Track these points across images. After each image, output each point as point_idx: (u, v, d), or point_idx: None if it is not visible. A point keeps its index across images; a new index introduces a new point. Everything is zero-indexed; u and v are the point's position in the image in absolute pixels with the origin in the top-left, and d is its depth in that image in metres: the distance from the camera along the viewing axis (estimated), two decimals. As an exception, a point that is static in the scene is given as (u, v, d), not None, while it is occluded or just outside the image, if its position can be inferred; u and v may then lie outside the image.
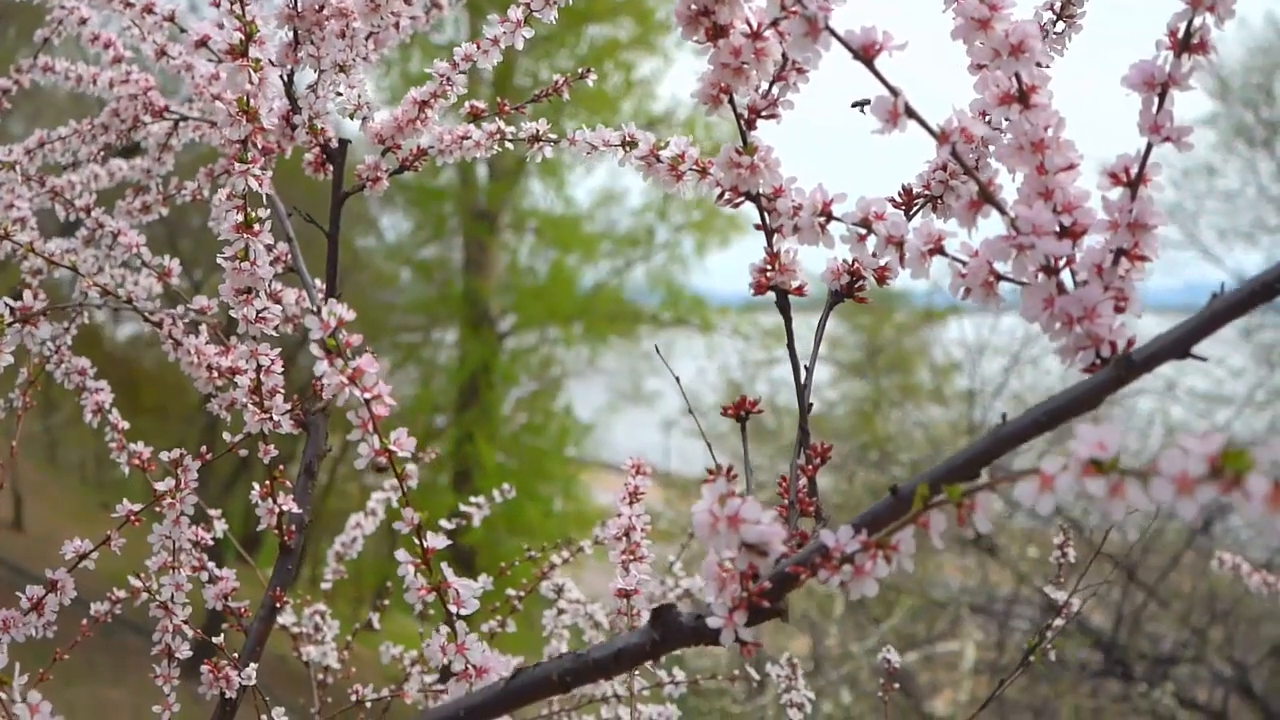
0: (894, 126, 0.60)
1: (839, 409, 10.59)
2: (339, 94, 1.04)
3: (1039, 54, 0.63)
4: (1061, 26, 0.82)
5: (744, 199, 0.72)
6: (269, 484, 1.07)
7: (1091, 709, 6.57)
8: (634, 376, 12.87)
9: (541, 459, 11.08)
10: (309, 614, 1.42)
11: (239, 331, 0.95)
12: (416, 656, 1.43)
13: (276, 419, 1.02)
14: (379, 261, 12.01)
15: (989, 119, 0.69)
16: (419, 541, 0.74)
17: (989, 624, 6.83)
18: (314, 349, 0.70)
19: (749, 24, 0.65)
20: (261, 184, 0.84)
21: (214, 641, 1.12)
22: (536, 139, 1.07)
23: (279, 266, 1.11)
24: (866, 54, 0.60)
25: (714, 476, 0.63)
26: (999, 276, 0.63)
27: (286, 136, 1.10)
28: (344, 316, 0.70)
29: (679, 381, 1.09)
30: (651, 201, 12.14)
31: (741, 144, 0.70)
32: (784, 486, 0.74)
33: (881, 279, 0.77)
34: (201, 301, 1.18)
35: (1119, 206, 0.61)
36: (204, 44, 1.12)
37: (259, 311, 0.93)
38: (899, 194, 0.78)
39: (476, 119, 1.10)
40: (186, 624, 1.03)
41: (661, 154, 0.84)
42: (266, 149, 0.92)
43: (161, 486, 1.00)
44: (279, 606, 1.10)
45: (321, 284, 1.23)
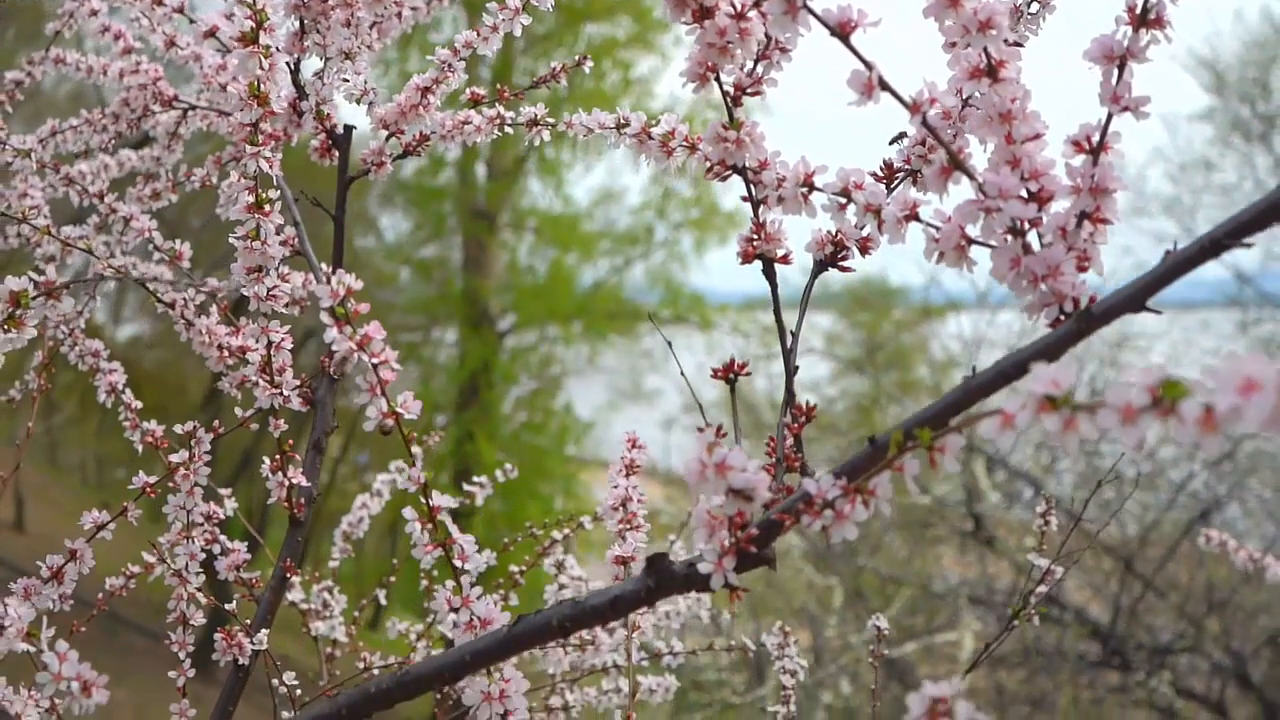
0: (868, 99, 0.64)
1: (839, 405, 10.63)
2: (345, 80, 1.08)
3: (1006, 30, 0.67)
4: (1036, 7, 0.86)
5: (731, 172, 0.76)
6: (279, 458, 1.11)
7: (1090, 699, 6.61)
8: (634, 375, 12.92)
9: (542, 457, 11.11)
10: (317, 590, 1.46)
11: (250, 308, 0.99)
12: (422, 630, 1.47)
13: (286, 394, 1.06)
14: (378, 261, 12.04)
15: (963, 93, 0.73)
16: (425, 501, 0.78)
17: (988, 615, 6.87)
18: (324, 317, 0.74)
19: (733, 5, 0.69)
20: (272, 165, 0.88)
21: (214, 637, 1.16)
22: (535, 123, 1.10)
23: (286, 250, 1.15)
24: (843, 31, 0.64)
25: (704, 431, 0.67)
26: (970, 240, 0.67)
27: (294, 124, 1.14)
28: (352, 286, 0.74)
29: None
30: (650, 200, 12.18)
31: (729, 120, 0.74)
32: (772, 445, 0.77)
33: (864, 249, 0.81)
34: (212, 283, 1.22)
35: (1081, 172, 0.65)
36: (212, 34, 1.16)
37: (269, 289, 0.97)
38: (880, 169, 0.82)
39: (477, 105, 1.14)
40: (200, 591, 1.07)
41: (653, 131, 0.88)
42: (273, 135, 0.96)
43: (176, 459, 1.04)
44: (289, 577, 1.14)
45: (327, 267, 1.27)
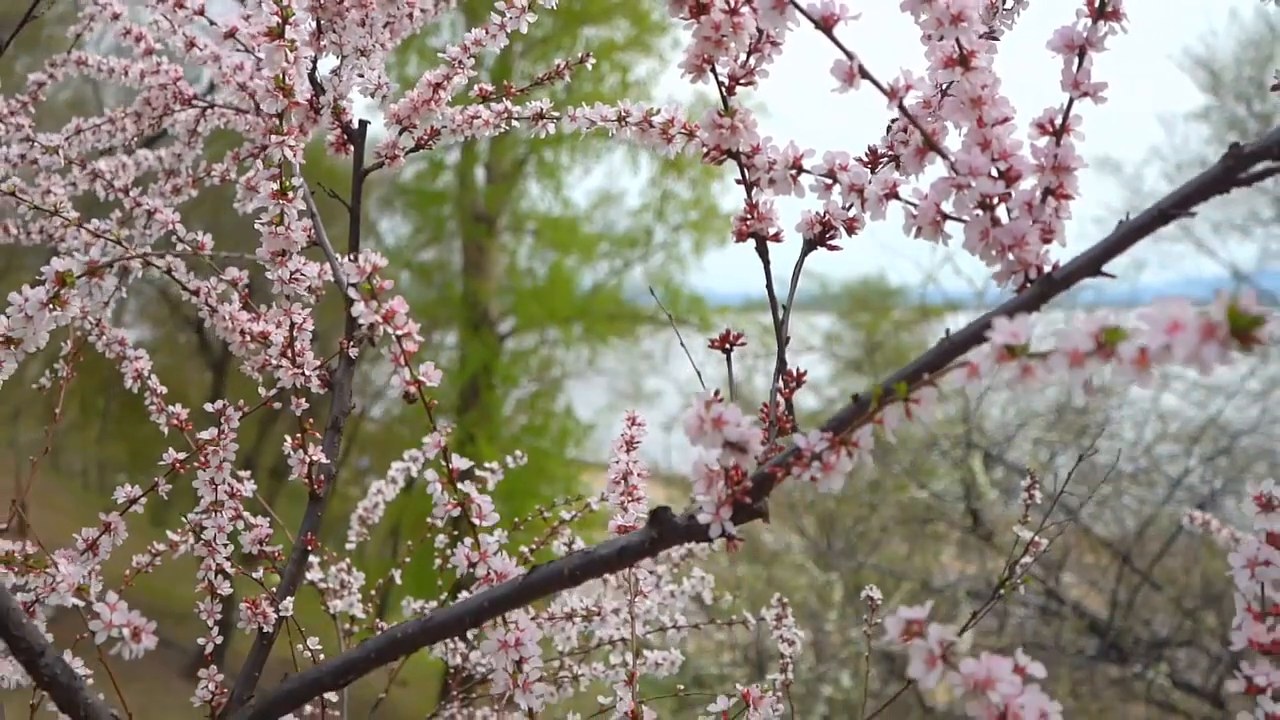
0: (850, 86, 0.71)
1: (839, 405, 10.68)
2: (361, 76, 1.14)
3: (977, 23, 0.73)
4: (1010, 2, 0.92)
5: (726, 156, 0.82)
6: (300, 436, 1.18)
7: (1088, 693, 6.66)
8: (633, 376, 12.98)
9: (543, 460, 11.17)
10: (334, 571, 1.52)
11: (274, 291, 1.05)
12: (436, 607, 1.52)
13: (308, 374, 1.12)
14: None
15: (940, 82, 0.79)
16: (445, 463, 0.84)
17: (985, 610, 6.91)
18: (351, 293, 0.80)
19: (726, 1, 0.75)
20: (296, 154, 0.94)
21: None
22: (540, 117, 1.16)
23: (304, 239, 1.21)
24: (826, 24, 0.70)
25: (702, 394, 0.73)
26: (944, 215, 0.73)
27: (310, 119, 1.20)
28: (377, 263, 0.80)
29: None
30: (649, 202, 12.26)
31: (723, 107, 0.81)
32: (765, 410, 0.84)
33: (850, 229, 0.87)
34: (233, 273, 1.28)
35: (1045, 152, 0.71)
36: (232, 35, 1.23)
37: (292, 272, 1.03)
38: (866, 154, 0.88)
39: (485, 100, 1.20)
40: (229, 560, 1.12)
41: (654, 120, 0.94)
42: (289, 131, 1.02)
43: (206, 435, 1.10)
44: (309, 550, 1.20)
45: (342, 257, 1.33)
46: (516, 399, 12.41)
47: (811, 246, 0.87)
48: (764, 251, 0.85)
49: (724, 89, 0.81)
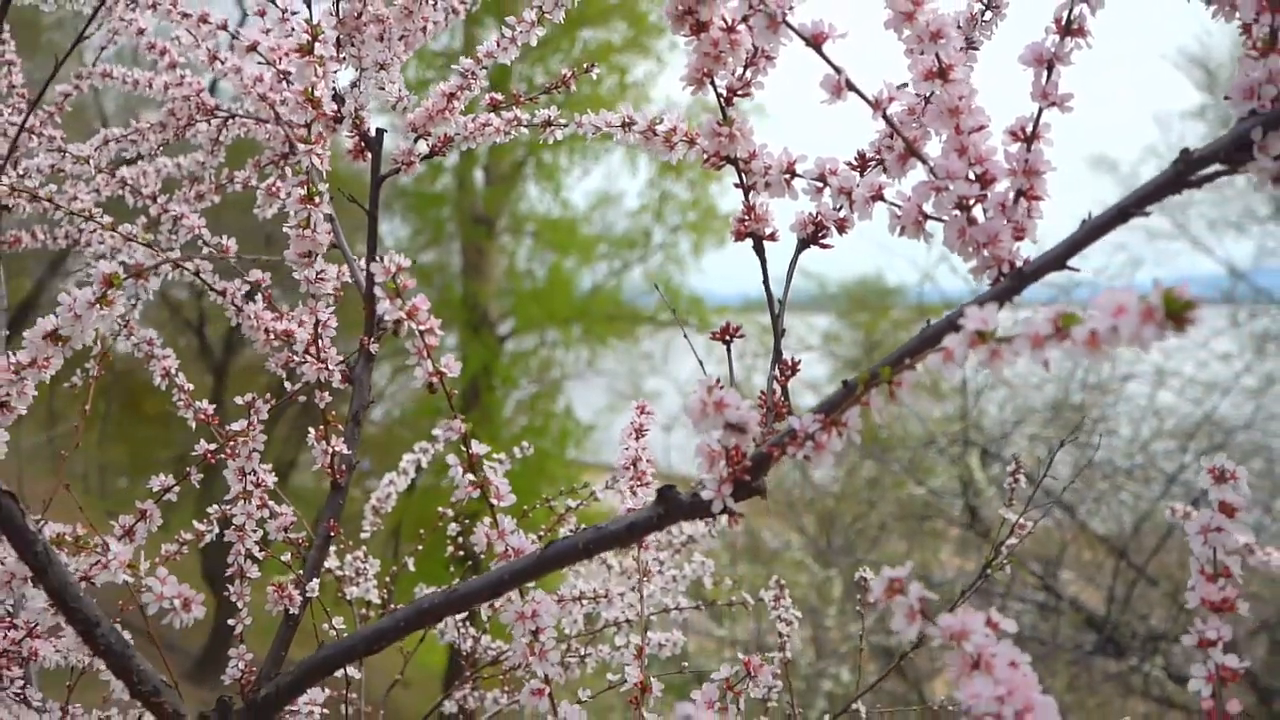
0: (838, 98, 0.77)
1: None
2: (381, 88, 1.20)
3: (955, 40, 0.80)
4: (989, 15, 0.99)
5: (725, 162, 0.89)
6: (323, 428, 1.24)
7: (1085, 687, 6.73)
8: (633, 377, 13.03)
9: (543, 460, 11.22)
10: (350, 559, 1.59)
11: (301, 290, 1.12)
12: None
13: (331, 368, 1.19)
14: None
15: (923, 93, 0.86)
16: (465, 449, 0.91)
17: (984, 606, 6.98)
18: (378, 291, 0.87)
19: (725, 20, 0.82)
20: (323, 162, 1.01)
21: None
22: (548, 124, 1.23)
23: (328, 241, 1.27)
24: (816, 41, 0.77)
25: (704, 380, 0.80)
26: (925, 215, 0.80)
27: (330, 128, 1.26)
28: (402, 264, 0.86)
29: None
30: (648, 203, 12.32)
31: (722, 117, 0.87)
32: (763, 397, 0.90)
33: (841, 228, 0.93)
34: (257, 275, 1.34)
35: (1017, 157, 0.78)
36: (254, 49, 1.29)
37: (318, 272, 1.10)
38: (855, 159, 0.95)
39: (496, 109, 1.27)
40: (256, 550, 1.19)
41: (657, 128, 1.01)
42: (298, 140, 1.09)
43: (236, 426, 1.17)
44: (332, 535, 1.26)
45: (361, 261, 1.40)
46: (516, 400, 12.46)
47: (805, 245, 0.94)
48: (761, 250, 0.91)
49: (722, 100, 0.88)
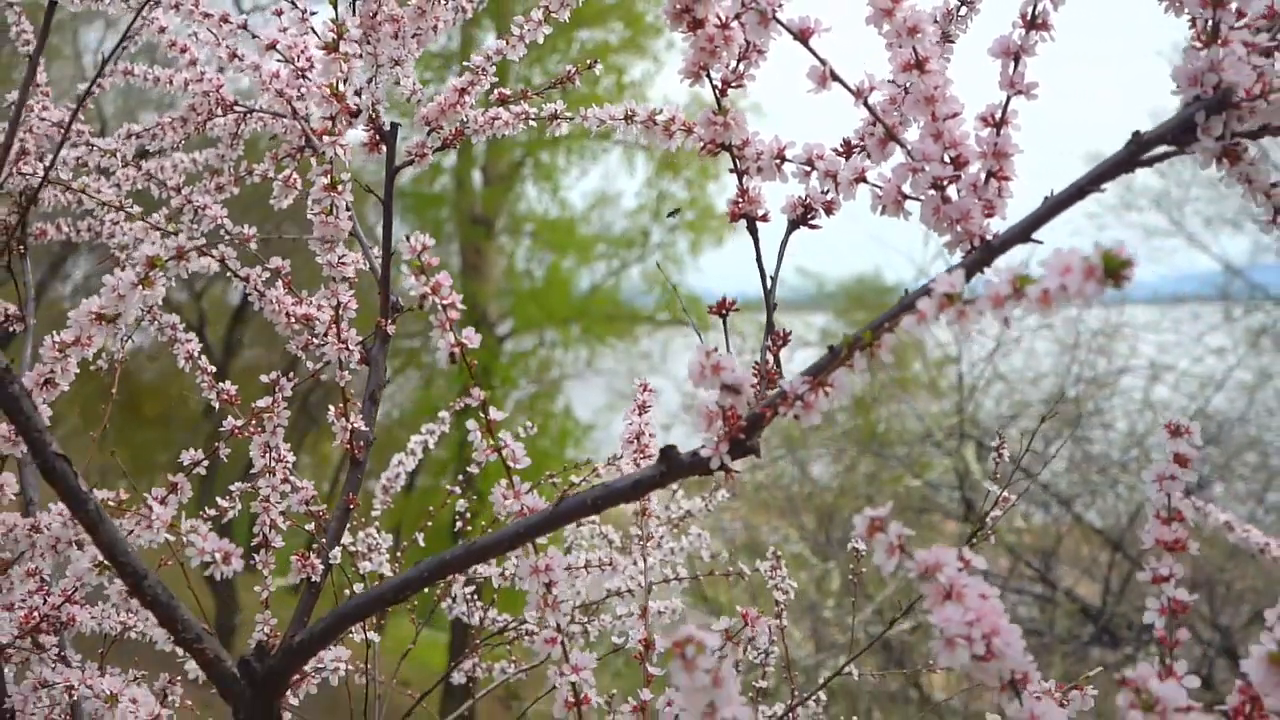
0: (823, 88, 0.85)
1: (837, 401, 10.80)
2: (397, 84, 1.28)
3: (932, 34, 0.87)
4: (964, 10, 1.06)
5: (720, 149, 0.96)
6: (342, 406, 1.31)
7: (1081, 677, 6.80)
8: (632, 376, 13.09)
9: (543, 460, 11.28)
10: (363, 535, 1.66)
11: (323, 275, 1.19)
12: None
13: (350, 348, 1.26)
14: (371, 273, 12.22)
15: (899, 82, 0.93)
16: (484, 415, 0.98)
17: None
18: (404, 268, 0.94)
19: (719, 17, 0.89)
20: (346, 153, 1.08)
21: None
22: (555, 117, 1.31)
23: (349, 227, 1.34)
24: (803, 35, 0.84)
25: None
26: (904, 195, 0.87)
27: (348, 122, 1.34)
28: (427, 243, 0.94)
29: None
30: (646, 203, 12.40)
31: (717, 107, 0.95)
32: (756, 366, 0.98)
33: (828, 210, 1.01)
34: (276, 261, 1.41)
35: (987, 141, 0.85)
36: (273, 47, 1.36)
37: (340, 257, 1.17)
38: (841, 145, 1.02)
39: (504, 104, 1.35)
40: (284, 514, 1.26)
41: (657, 118, 1.08)
42: (323, 132, 1.16)
43: (261, 403, 1.24)
44: (352, 508, 1.34)
45: (376, 250, 1.47)
46: (516, 400, 12.52)
47: (795, 226, 1.01)
48: (754, 230, 0.98)
49: (717, 91, 0.95)
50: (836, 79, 0.84)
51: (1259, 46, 0.76)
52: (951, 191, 0.86)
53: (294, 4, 1.34)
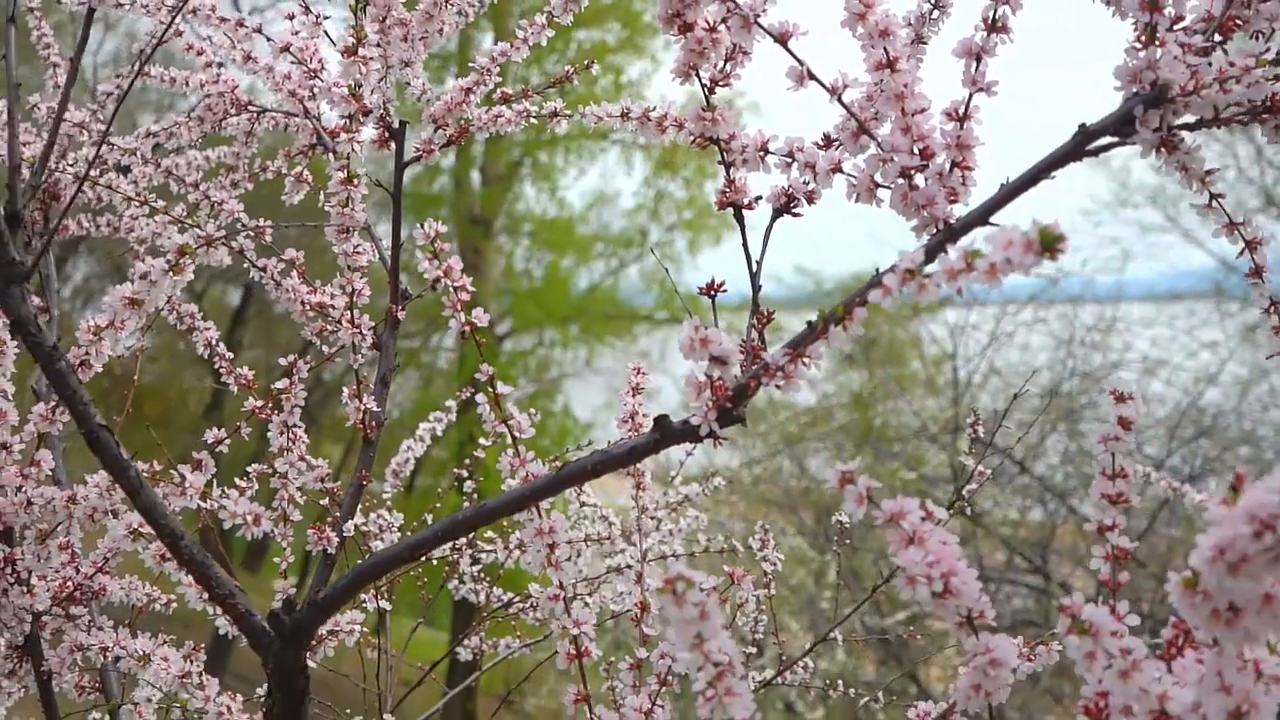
0: (801, 86, 0.93)
1: (834, 400, 10.92)
2: (407, 84, 1.36)
3: (902, 36, 0.95)
4: (936, 14, 1.14)
5: (709, 142, 1.04)
6: (356, 388, 1.39)
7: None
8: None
9: (543, 460, 11.29)
10: (374, 516, 1.74)
11: (339, 264, 1.27)
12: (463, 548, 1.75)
13: (364, 333, 1.34)
14: (376, 268, 12.29)
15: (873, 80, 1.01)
16: (493, 389, 1.07)
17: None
18: (418, 253, 1.02)
19: (707, 21, 0.97)
20: (362, 149, 1.16)
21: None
22: (555, 114, 1.39)
23: (364, 218, 1.42)
24: (782, 38, 0.93)
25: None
26: (876, 184, 0.96)
27: (360, 120, 1.42)
28: (440, 230, 1.02)
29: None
30: (644, 202, 12.48)
31: (706, 103, 1.03)
32: (743, 343, 1.06)
33: (810, 199, 1.09)
34: (291, 253, 1.49)
35: (951, 134, 0.93)
36: (286, 49, 1.44)
37: (355, 246, 1.25)
38: (821, 139, 1.10)
39: (506, 102, 1.43)
40: (301, 489, 1.34)
41: (651, 115, 1.17)
42: (334, 132, 1.24)
43: (279, 385, 1.32)
44: (365, 484, 1.42)
45: (386, 241, 1.55)
46: (515, 399, 12.54)
47: (779, 214, 1.09)
48: (740, 217, 1.07)
49: (706, 89, 1.03)
50: (813, 78, 0.92)
51: (1194, 47, 0.84)
52: (919, 180, 0.94)
53: (307, 9, 1.42)
